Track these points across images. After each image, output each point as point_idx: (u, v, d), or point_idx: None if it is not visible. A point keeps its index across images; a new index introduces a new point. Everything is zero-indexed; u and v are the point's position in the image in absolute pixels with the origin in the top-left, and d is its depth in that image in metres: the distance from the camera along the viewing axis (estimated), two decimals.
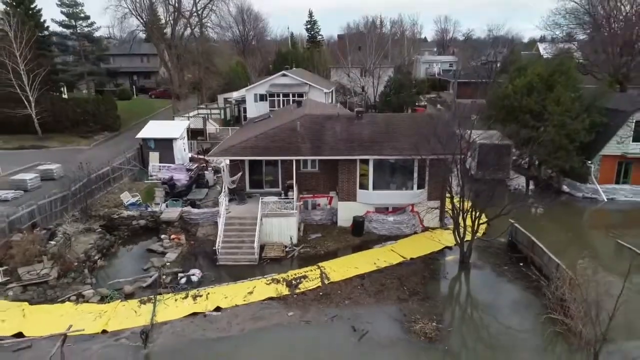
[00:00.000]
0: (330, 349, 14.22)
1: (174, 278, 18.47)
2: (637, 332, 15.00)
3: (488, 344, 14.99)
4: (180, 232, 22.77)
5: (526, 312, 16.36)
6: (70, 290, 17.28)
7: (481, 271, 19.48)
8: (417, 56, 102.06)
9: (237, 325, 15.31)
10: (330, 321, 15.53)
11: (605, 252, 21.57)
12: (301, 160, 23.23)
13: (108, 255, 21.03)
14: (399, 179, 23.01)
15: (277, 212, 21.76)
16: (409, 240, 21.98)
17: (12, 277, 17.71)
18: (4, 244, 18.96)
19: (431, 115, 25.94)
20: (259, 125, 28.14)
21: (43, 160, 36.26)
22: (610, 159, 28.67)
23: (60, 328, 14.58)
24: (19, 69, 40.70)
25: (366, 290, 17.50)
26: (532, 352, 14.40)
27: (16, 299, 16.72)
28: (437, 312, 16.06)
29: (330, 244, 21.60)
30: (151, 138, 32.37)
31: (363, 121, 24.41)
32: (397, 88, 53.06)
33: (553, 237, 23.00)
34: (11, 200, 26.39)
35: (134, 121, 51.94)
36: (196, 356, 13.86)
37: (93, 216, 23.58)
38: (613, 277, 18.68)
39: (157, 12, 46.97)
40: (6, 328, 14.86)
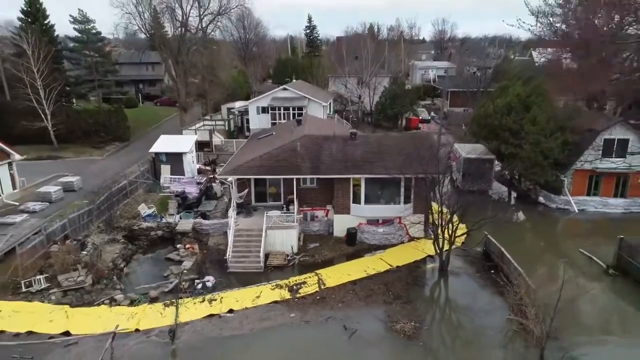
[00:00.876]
0: (325, 345, 17.11)
1: (191, 284, 21.36)
2: (581, 330, 17.90)
3: (459, 340, 17.94)
4: (193, 241, 25.63)
5: (494, 314, 19.18)
6: (104, 295, 20.16)
7: (458, 278, 22.37)
8: (413, 62, 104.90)
9: (248, 324, 18.21)
10: (325, 321, 18.43)
11: (567, 260, 24.44)
12: (301, 177, 26.11)
13: (131, 263, 23.92)
14: (387, 194, 25.87)
15: (280, 224, 24.65)
16: (396, 249, 24.87)
17: (53, 283, 20.62)
18: (44, 254, 21.88)
19: (416, 138, 28.69)
20: (262, 142, 31.01)
21: (60, 170, 39.18)
22: (582, 173, 31.54)
23: (99, 328, 17.53)
24: (36, 84, 43.56)
25: (357, 294, 20.41)
26: (496, 348, 17.25)
27: (58, 303, 19.59)
28: (417, 314, 18.95)
29: (326, 253, 24.50)
30: (163, 152, 35.20)
31: (357, 142, 27.30)
32: (392, 98, 55.97)
33: (526, 245, 26.03)
34: (39, 211, 29.34)
35: (141, 130, 54.77)
36: (214, 352, 16.73)
37: (116, 227, 26.47)
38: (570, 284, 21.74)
39: (164, 28, 49.60)
40: (54, 327, 17.73)
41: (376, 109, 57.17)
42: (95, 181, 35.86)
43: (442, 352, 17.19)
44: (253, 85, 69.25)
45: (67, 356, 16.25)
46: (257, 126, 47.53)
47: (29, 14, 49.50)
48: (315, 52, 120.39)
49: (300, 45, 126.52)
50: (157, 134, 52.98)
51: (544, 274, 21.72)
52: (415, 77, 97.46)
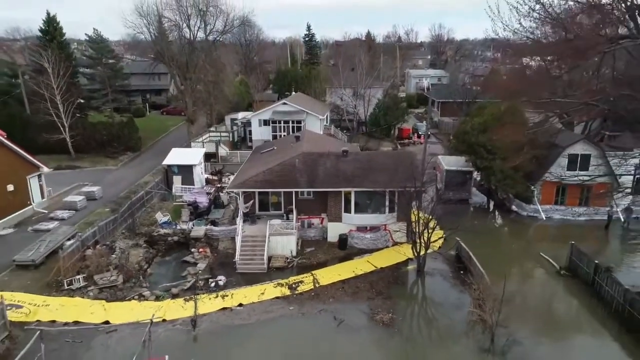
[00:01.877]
0: (318, 332, 20.93)
1: (206, 282, 25.18)
2: (528, 320, 21.74)
3: (428, 327, 21.83)
4: (205, 246, 29.44)
5: (460, 308, 22.96)
6: (133, 292, 23.98)
7: (433, 277, 26.22)
8: (408, 70, 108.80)
9: (255, 316, 22.05)
10: (319, 313, 22.27)
11: (528, 262, 28.35)
12: (299, 190, 29.93)
13: (152, 265, 27.75)
14: (374, 205, 29.74)
15: (281, 231, 28.52)
16: (381, 253, 28.71)
17: (89, 282, 24.45)
18: (80, 257, 25.73)
19: (400, 157, 32.61)
20: (264, 157, 34.91)
21: (79, 179, 43.09)
22: (550, 184, 35.44)
23: (133, 318, 21.33)
24: (55, 100, 47.39)
25: (345, 291, 24.27)
26: (458, 334, 21.04)
27: (95, 298, 23.41)
28: (395, 307, 22.78)
29: (321, 256, 28.33)
30: (175, 164, 39.04)
31: (348, 158, 31.14)
32: (385, 110, 59.89)
33: (495, 249, 29.87)
34: (67, 219, 33.26)
35: (150, 141, 58.60)
36: (228, 337, 20.54)
37: (138, 234, 30.31)
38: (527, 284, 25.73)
39: (172, 44, 53.38)
40: (96, 318, 21.56)
41: (370, 120, 61.06)
42: (113, 190, 39.89)
43: (413, 336, 21.04)
44: (254, 94, 73.23)
45: (109, 341, 20.08)
46: (259, 137, 51.43)
47: (47, 33, 53.36)
48: (314, 60, 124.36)
49: (299, 51, 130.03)
50: (165, 143, 57.10)
51: (504, 273, 25.53)
52: (410, 86, 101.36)
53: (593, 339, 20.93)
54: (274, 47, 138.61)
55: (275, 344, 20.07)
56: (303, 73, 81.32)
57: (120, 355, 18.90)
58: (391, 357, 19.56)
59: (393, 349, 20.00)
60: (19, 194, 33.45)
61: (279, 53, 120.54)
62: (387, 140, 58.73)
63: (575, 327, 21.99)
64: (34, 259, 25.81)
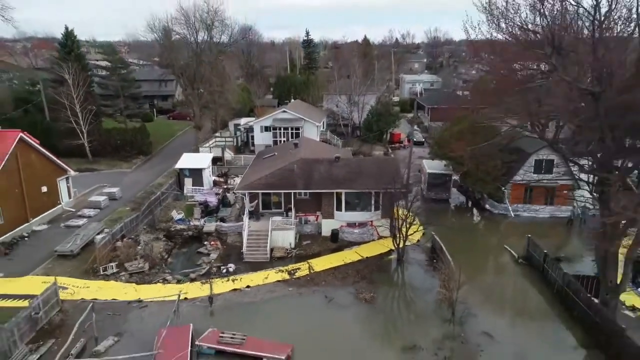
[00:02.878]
0: (312, 308, 25.56)
1: (218, 269, 29.82)
2: (484, 297, 26.41)
3: (402, 304, 26.47)
4: (216, 239, 34.08)
5: (431, 289, 27.54)
6: (158, 277, 28.63)
7: (410, 265, 30.89)
8: (402, 75, 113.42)
9: (260, 295, 26.70)
10: (313, 293, 26.92)
11: (493, 253, 33.03)
12: (297, 191, 34.56)
13: (172, 255, 32.38)
14: (362, 204, 34.39)
15: (281, 226, 33.16)
16: (368, 245, 33.35)
17: (121, 268, 29.08)
18: (112, 248, 30.36)
19: (385, 162, 37.32)
20: (266, 162, 39.55)
21: (97, 181, 47.70)
22: (519, 185, 40.10)
23: (161, 297, 25.93)
24: (75, 108, 52.00)
25: (335, 276, 28.92)
26: (427, 309, 25.65)
27: (127, 281, 28.04)
28: (376, 289, 27.42)
29: (315, 248, 32.96)
30: (186, 168, 43.65)
31: (340, 164, 35.79)
32: (377, 116, 64.52)
33: (467, 241, 34.52)
34: (93, 216, 37.90)
35: (160, 145, 63.20)
36: (238, 312, 25.14)
37: (157, 229, 34.94)
38: (488, 270, 30.38)
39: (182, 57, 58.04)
40: (129, 296, 26.18)
41: (364, 125, 65.67)
42: (131, 191, 44.54)
43: (389, 310, 25.75)
44: (255, 100, 77.94)
45: (142, 314, 24.73)
46: (261, 142, 56.09)
47: (66, 46, 57.91)
48: (312, 64, 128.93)
49: (298, 54, 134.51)
50: (173, 147, 61.77)
51: (469, 261, 30.27)
52: (404, 90, 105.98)
53: (537, 312, 25.53)
54: (273, 51, 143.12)
55: (277, 316, 24.72)
56: (301, 79, 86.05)
57: (152, 325, 23.47)
58: (371, 327, 24.18)
59: (373, 320, 24.66)
60: (50, 195, 38.10)
61: (279, 57, 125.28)
62: (379, 145, 63.36)
63: (524, 303, 26.70)
64: (73, 250, 30.49)
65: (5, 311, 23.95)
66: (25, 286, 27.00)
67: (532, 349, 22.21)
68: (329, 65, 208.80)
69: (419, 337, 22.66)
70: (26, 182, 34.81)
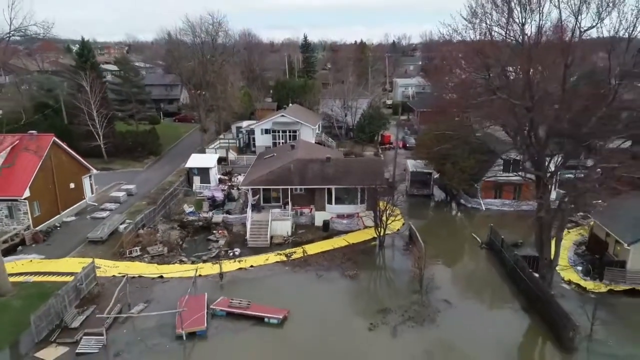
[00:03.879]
0: (305, 282, 30.84)
1: (225, 253, 35.06)
2: (448, 274, 31.70)
3: (381, 279, 31.75)
4: (223, 229, 39.29)
5: (405, 269, 32.78)
6: (175, 259, 33.87)
7: (389, 249, 36.16)
8: (395, 79, 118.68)
9: (262, 273, 31.97)
10: (306, 271, 32.18)
11: (461, 239, 38.29)
12: (294, 187, 39.79)
13: (186, 241, 37.61)
14: (350, 198, 39.67)
15: (280, 217, 38.41)
16: (354, 233, 38.58)
17: (144, 252, 34.32)
18: (135, 235, 35.62)
19: (370, 162, 42.64)
20: (267, 161, 44.79)
21: (114, 179, 52.86)
22: (490, 182, 45.34)
23: (179, 274, 31.20)
24: (92, 113, 57.22)
25: (325, 258, 34.17)
26: (401, 283, 30.92)
27: (150, 262, 33.29)
28: (359, 268, 32.65)
29: (309, 236, 38.18)
30: (195, 167, 48.90)
31: (330, 164, 41.05)
32: (369, 119, 69.83)
33: (441, 230, 39.82)
34: (114, 209, 43.15)
35: (168, 146, 68.41)
36: (244, 285, 30.38)
37: (172, 220, 40.19)
38: (455, 252, 35.62)
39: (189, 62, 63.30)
40: (153, 273, 31.44)
41: (357, 128, 70.98)
42: (144, 188, 49.81)
43: (368, 284, 31.04)
44: (256, 104, 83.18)
45: (165, 287, 29.98)
46: (261, 144, 61.35)
47: (82, 55, 63.14)
48: (310, 68, 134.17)
49: (297, 58, 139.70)
50: (180, 148, 67.03)
51: (441, 246, 35.59)
52: (397, 94, 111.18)
53: (491, 285, 30.79)
54: (273, 51, 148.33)
55: (276, 289, 29.96)
56: (299, 83, 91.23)
57: (173, 295, 28.66)
58: (353, 297, 29.44)
59: (354, 292, 29.95)
60: (77, 191, 43.38)
61: (278, 60, 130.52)
62: (370, 146, 68.63)
63: (481, 279, 32.01)
64: (102, 237, 35.79)
65: (53, 284, 29.28)
66: (65, 266, 32.28)
67: (481, 312, 27.55)
68: (327, 66, 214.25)
69: (391, 303, 27.95)
70: (58, 180, 40.06)
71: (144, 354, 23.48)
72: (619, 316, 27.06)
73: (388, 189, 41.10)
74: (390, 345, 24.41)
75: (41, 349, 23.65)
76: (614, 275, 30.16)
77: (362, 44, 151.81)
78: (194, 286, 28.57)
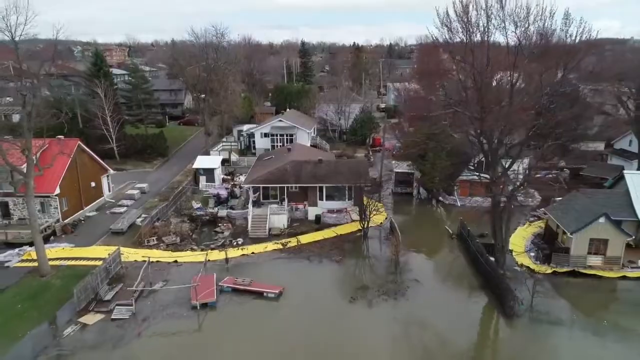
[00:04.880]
0: (297, 266, 36.33)
1: (230, 242, 40.53)
2: (420, 260, 37.23)
3: (363, 263, 37.27)
4: (227, 222, 44.74)
5: (385, 255, 38.28)
6: (187, 247, 39.34)
7: (372, 239, 41.61)
8: (388, 84, 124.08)
9: (261, 258, 37.48)
10: (299, 258, 37.68)
11: (435, 231, 43.77)
12: (289, 185, 45.25)
13: (195, 232, 43.07)
14: (339, 195, 45.18)
15: (277, 212, 43.88)
16: (343, 226, 44.00)
17: (159, 241, 39.78)
18: (151, 226, 41.09)
19: (358, 163, 48.18)
20: (266, 163, 50.26)
21: (127, 179, 58.23)
22: (464, 181, 50.83)
23: (191, 259, 36.68)
24: (107, 118, 62.65)
25: (316, 247, 39.65)
26: (381, 266, 36.38)
27: (165, 250, 38.76)
28: (345, 254, 38.15)
29: (303, 228, 43.61)
30: (201, 168, 54.35)
31: (322, 165, 46.53)
32: (361, 123, 75.35)
33: (420, 223, 45.33)
34: (130, 205, 48.58)
35: (174, 148, 73.85)
36: (246, 268, 35.82)
37: (182, 214, 45.65)
38: (428, 241, 41.11)
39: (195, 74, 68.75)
40: (168, 259, 36.89)
41: (349, 131, 76.48)
42: (155, 187, 55.24)
43: (351, 267, 36.53)
44: (255, 108, 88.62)
45: (179, 270, 35.44)
46: (261, 146, 66.81)
47: (96, 64, 68.59)
48: (307, 72, 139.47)
49: (294, 63, 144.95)
50: (186, 150, 72.49)
51: (418, 236, 41.07)
52: (390, 98, 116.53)
53: (456, 268, 36.27)
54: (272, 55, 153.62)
55: (274, 272, 35.41)
56: (297, 88, 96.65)
57: (187, 276, 34.02)
58: (338, 277, 34.89)
59: (340, 273, 35.46)
60: (97, 189, 48.78)
61: (276, 64, 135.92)
62: (362, 148, 74.10)
63: (448, 263, 37.55)
64: (122, 228, 41.27)
65: (83, 267, 34.73)
66: (93, 252, 37.73)
67: (444, 288, 33.14)
68: (325, 69, 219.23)
69: (369, 282, 33.50)
70: (82, 178, 45.49)
71: (166, 319, 28.97)
72: (560, 292, 32.56)
73: (375, 187, 46.83)
74: (366, 314, 29.92)
75: (82, 315, 29.11)
76: (560, 259, 35.71)
77: (358, 49, 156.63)
78: (205, 268, 34.05)
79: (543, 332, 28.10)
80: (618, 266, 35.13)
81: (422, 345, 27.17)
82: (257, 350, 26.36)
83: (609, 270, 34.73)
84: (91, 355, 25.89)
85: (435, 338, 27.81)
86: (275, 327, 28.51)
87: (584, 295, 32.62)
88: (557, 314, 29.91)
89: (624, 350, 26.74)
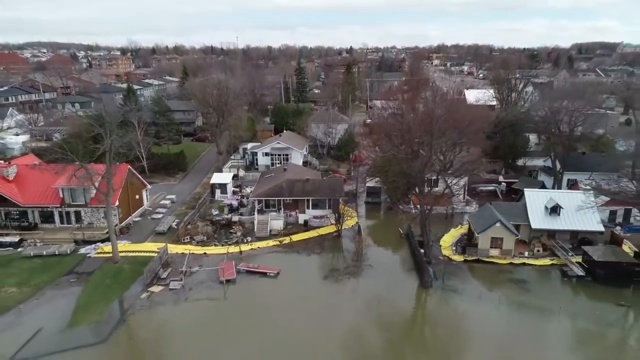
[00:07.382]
0: (290, 257, 52.26)
1: (242, 240, 56.42)
2: (376, 252, 53.27)
3: (335, 255, 53.27)
4: (239, 225, 60.57)
5: (352, 249, 54.11)
6: (212, 243, 55.23)
7: (344, 238, 57.49)
8: (374, 101, 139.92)
9: (265, 251, 53.46)
10: (291, 251, 53.60)
11: (389, 232, 59.65)
12: (284, 198, 61.11)
13: (216, 233, 58.88)
14: (321, 205, 61.12)
15: (275, 218, 59.81)
16: (324, 228, 59.82)
17: (192, 239, 55.67)
18: (185, 228, 57.01)
19: (335, 181, 64.36)
20: (267, 179, 66.21)
21: (158, 191, 74.02)
22: (416, 194, 66.65)
23: (215, 252, 52.66)
24: (139, 141, 78.42)
25: (304, 243, 55.59)
26: (347, 258, 52.25)
27: (197, 245, 54.63)
28: (322, 249, 54.04)
29: (295, 230, 59.46)
30: (217, 183, 70.23)
31: (309, 182, 62.45)
32: (345, 142, 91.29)
33: (381, 226, 61.39)
34: (164, 212, 64.53)
35: (191, 163, 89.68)
36: (255, 257, 51.69)
37: (205, 219, 61.51)
38: (383, 240, 57.39)
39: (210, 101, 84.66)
40: (199, 251, 52.79)
41: (335, 148, 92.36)
42: (181, 197, 71.13)
43: (327, 258, 52.46)
44: (256, 126, 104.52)
45: (208, 259, 51.32)
46: (263, 163, 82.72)
47: (129, 97, 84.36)
48: (302, 89, 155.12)
49: (291, 82, 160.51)
50: (201, 165, 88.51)
51: (377, 235, 56.98)
52: (375, 114, 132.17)
53: (400, 259, 52.21)
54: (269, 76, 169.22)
55: (274, 261, 51.25)
56: (293, 109, 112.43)
57: (214, 262, 49.76)
58: (317, 264, 50.78)
59: (319, 261, 51.40)
60: (139, 200, 64.63)
61: (274, 81, 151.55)
62: (345, 163, 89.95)
63: (395, 255, 53.52)
64: (164, 230, 57.20)
65: (142, 257, 50.54)
66: (146, 247, 53.54)
67: (389, 270, 49.13)
68: (320, 78, 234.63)
69: (339, 266, 49.55)
70: (130, 193, 61.30)
71: (203, 288, 44.91)
72: (466, 273, 48.48)
73: (351, 197, 62.76)
74: (334, 286, 45.90)
75: (150, 287, 44.94)
76: (471, 252, 51.70)
77: (349, 67, 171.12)
78: (227, 257, 49.99)
79: (451, 298, 44.05)
80: (510, 257, 51.14)
81: (368, 304, 43.14)
82: (264, 308, 42.24)
83: (503, 259, 50.76)
84: (160, 308, 41.76)
85: (379, 299, 43.77)
86: (275, 295, 44.43)
87: (484, 275, 48.60)
88: (463, 287, 45.82)
89: (510, 311, 42.40)
